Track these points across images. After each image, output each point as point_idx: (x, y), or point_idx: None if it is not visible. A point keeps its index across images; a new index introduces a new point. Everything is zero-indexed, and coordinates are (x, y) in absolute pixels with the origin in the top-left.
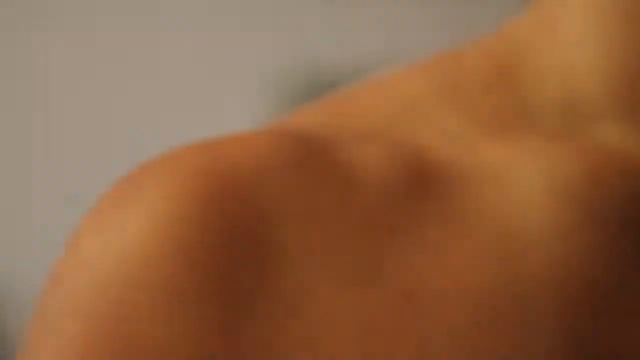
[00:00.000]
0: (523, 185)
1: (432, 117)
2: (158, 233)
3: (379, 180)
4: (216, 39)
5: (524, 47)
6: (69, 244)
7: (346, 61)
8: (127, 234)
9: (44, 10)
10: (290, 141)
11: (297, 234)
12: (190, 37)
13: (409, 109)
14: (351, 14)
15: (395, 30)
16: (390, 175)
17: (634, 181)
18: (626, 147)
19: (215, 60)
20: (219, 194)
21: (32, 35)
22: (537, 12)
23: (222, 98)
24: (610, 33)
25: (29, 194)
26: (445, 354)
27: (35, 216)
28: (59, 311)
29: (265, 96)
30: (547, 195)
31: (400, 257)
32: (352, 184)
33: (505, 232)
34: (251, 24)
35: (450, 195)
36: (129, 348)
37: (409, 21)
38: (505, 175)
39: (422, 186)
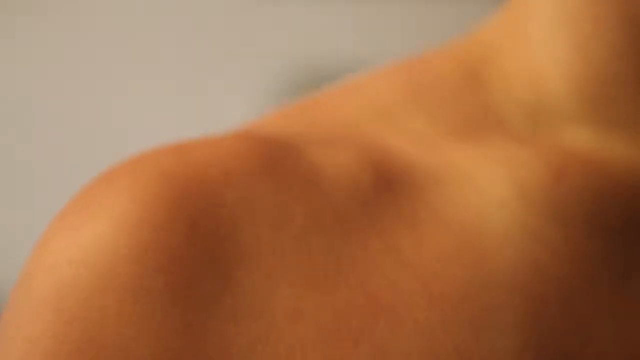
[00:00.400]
0: (490, 187)
1: (400, 121)
2: (124, 235)
3: (347, 183)
4: (215, 38)
5: (493, 50)
6: (37, 245)
7: (346, 61)
8: (94, 236)
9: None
10: (257, 145)
11: (262, 235)
12: (189, 35)
13: (378, 113)
14: (351, 13)
15: (396, 29)
16: (357, 178)
17: (600, 182)
18: (592, 148)
19: (215, 59)
20: (185, 197)
21: (31, 34)
22: (506, 14)
23: (221, 97)
24: (579, 35)
25: (29, 196)
26: (410, 353)
27: (35, 220)
28: (27, 313)
29: (265, 95)
30: (514, 197)
31: (367, 258)
32: (319, 187)
33: (472, 233)
34: (251, 23)
35: (418, 197)
36: (96, 350)
37: (409, 21)
38: (473, 178)
39: (389, 189)
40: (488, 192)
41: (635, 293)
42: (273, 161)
